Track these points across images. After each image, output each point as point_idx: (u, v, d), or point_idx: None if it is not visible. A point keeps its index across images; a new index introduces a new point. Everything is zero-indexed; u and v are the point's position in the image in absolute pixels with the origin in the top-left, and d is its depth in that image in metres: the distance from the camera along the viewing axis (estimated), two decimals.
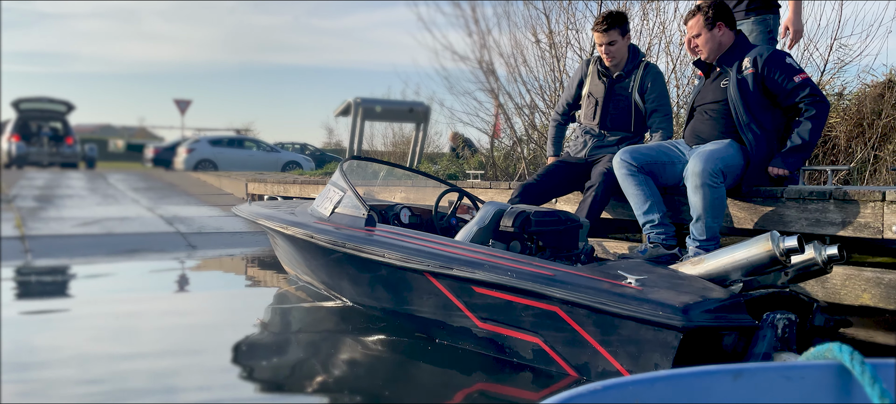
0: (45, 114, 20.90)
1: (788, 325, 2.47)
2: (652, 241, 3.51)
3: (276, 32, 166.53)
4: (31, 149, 19.74)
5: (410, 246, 3.13)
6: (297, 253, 4.14)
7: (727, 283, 2.65)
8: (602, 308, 2.45)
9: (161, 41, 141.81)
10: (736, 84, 3.47)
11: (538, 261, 2.81)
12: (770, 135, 3.46)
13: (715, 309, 2.36)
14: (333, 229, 3.57)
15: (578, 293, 2.51)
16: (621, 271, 2.65)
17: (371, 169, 6.07)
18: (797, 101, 3.40)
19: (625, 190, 3.62)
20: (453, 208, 4.14)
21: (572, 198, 4.44)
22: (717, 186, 3.27)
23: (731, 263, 2.64)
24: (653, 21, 7.33)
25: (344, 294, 3.88)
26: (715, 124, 3.58)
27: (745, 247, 2.61)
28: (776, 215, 3.35)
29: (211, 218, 8.11)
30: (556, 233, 3.12)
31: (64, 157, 20.28)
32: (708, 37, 3.56)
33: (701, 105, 3.69)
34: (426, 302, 3.11)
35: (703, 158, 3.28)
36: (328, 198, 3.90)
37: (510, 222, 3.10)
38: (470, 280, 2.83)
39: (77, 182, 12.40)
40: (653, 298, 2.39)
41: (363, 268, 3.42)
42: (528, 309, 2.68)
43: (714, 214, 3.29)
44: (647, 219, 3.55)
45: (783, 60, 3.44)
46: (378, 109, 12.82)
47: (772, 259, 2.53)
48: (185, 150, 19.05)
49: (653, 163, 3.60)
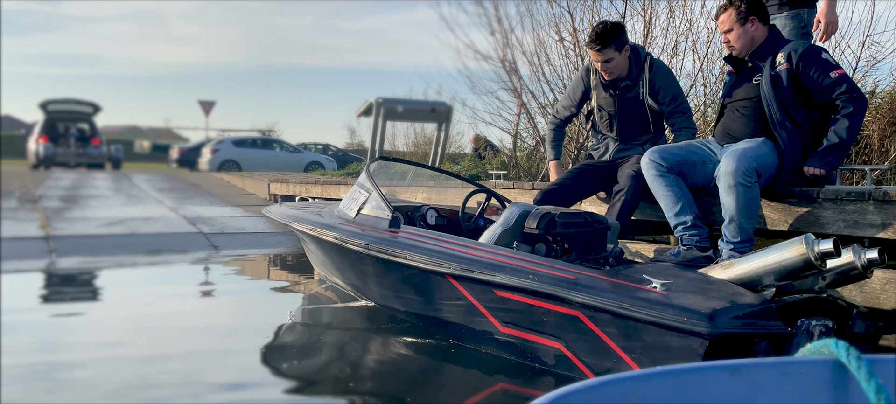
0: (72, 116, 21.14)
1: (825, 332, 2.37)
2: (685, 244, 3.41)
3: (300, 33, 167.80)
4: (58, 150, 19.97)
5: (433, 248, 3.07)
6: (324, 254, 4.11)
7: (759, 288, 2.55)
8: (625, 313, 2.37)
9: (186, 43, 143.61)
10: (769, 80, 3.36)
11: (561, 265, 2.73)
12: (805, 134, 3.35)
13: (743, 315, 2.27)
14: (358, 231, 3.52)
15: (601, 297, 2.44)
16: (647, 275, 2.56)
17: (397, 169, 6.02)
18: (834, 98, 3.28)
19: (654, 191, 3.52)
20: (481, 209, 4.07)
21: (598, 201, 4.35)
22: (750, 186, 3.16)
23: (763, 267, 2.53)
24: (679, 19, 7.20)
25: (370, 296, 3.83)
26: (747, 122, 3.47)
27: (777, 251, 2.51)
28: (812, 216, 3.23)
29: (233, 218, 8.11)
30: (582, 235, 3.03)
31: (90, 158, 20.50)
32: (740, 32, 3.45)
33: (732, 102, 3.58)
34: (449, 305, 3.04)
35: (736, 157, 3.17)
36: (354, 200, 3.86)
37: (535, 224, 3.02)
38: (490, 283, 2.76)
39: (102, 182, 12.49)
40: (678, 303, 2.31)
41: (387, 270, 3.37)
42: (550, 313, 2.61)
43: (748, 215, 3.18)
44: (678, 221, 3.45)
45: (819, 55, 3.32)
46: (399, 109, 12.77)
47: (806, 263, 2.43)
48: (209, 151, 19.18)
49: (683, 163, 3.50)
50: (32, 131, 21.46)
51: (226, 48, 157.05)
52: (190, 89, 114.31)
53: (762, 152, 3.27)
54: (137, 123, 54.24)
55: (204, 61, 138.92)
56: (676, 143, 3.75)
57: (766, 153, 3.29)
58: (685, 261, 3.35)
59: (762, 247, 2.66)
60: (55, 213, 7.93)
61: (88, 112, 21.39)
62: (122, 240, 6.62)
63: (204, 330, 3.75)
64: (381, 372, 2.99)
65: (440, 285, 3.03)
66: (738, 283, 2.57)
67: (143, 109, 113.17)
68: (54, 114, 20.77)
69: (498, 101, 9.34)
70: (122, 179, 13.40)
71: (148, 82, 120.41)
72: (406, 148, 16.51)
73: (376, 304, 3.79)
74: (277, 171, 15.68)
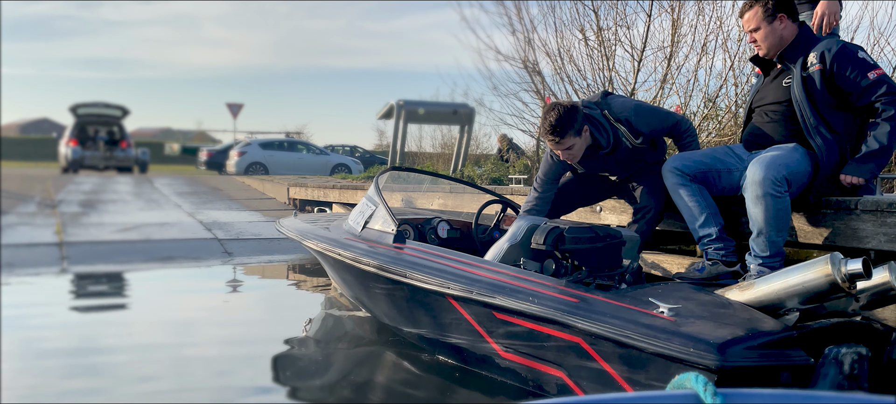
0: (101, 119, 21.32)
1: (858, 361, 2.12)
2: (710, 258, 3.16)
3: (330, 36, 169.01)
4: (86, 154, 20.15)
5: (435, 266, 2.87)
6: (333, 271, 3.95)
7: (781, 313, 2.31)
8: (627, 341, 2.14)
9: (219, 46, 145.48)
10: (800, 83, 3.09)
11: (565, 285, 2.51)
12: (842, 139, 3.08)
13: (759, 345, 2.04)
14: (362, 247, 3.34)
15: (603, 323, 2.22)
16: (654, 298, 2.32)
17: (413, 176, 5.85)
18: (873, 101, 3.01)
19: (676, 201, 3.28)
20: (496, 220, 3.86)
21: (618, 208, 4.11)
22: (780, 196, 2.90)
23: (785, 289, 2.29)
24: (709, 15, 6.90)
25: (376, 314, 3.66)
26: (777, 127, 3.21)
27: (799, 271, 2.27)
28: (849, 229, 2.96)
29: (251, 224, 8.01)
30: (593, 251, 2.81)
31: (118, 161, 20.66)
32: (768, 30, 3.19)
33: (760, 106, 3.32)
34: (451, 327, 2.84)
35: (765, 165, 2.92)
36: (361, 213, 3.68)
37: (542, 239, 2.80)
38: (490, 305, 2.55)
39: (123, 186, 12.51)
40: (686, 331, 2.08)
41: (389, 288, 3.18)
42: (551, 338, 2.39)
43: (778, 228, 2.93)
44: (703, 233, 3.20)
45: (855, 55, 3.05)
46: (421, 112, 12.58)
47: (832, 286, 2.18)
48: (236, 154, 19.28)
49: (707, 171, 3.25)
50: (63, 134, 21.72)
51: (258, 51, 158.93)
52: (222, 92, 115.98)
53: (793, 160, 3.01)
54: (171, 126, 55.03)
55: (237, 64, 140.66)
56: (700, 150, 3.49)
57: (798, 160, 3.03)
58: (710, 277, 3.12)
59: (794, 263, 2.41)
60: (72, 219, 7.90)
61: (117, 115, 21.58)
62: (135, 246, 6.53)
63: (209, 342, 3.69)
64: (390, 388, 2.92)
65: (441, 306, 2.83)
66: (758, 307, 2.33)
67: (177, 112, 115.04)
68: (84, 118, 20.98)
69: (520, 102, 9.12)
70: (143, 183, 13.41)
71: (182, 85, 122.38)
72: (433, 150, 16.38)
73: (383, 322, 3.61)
74: (303, 175, 15.63)
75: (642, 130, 3.37)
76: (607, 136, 3.35)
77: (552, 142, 3.28)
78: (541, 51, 8.62)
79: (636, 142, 3.39)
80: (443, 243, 3.79)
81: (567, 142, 3.25)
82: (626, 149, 3.41)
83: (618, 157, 3.44)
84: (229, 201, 10.38)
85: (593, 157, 3.44)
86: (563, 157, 3.34)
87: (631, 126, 3.35)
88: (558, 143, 3.26)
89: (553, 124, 3.22)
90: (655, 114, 3.51)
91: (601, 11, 8.10)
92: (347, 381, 2.97)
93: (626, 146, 3.40)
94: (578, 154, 3.34)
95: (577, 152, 3.33)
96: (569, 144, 3.27)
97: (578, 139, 3.28)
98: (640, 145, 3.41)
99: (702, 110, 7.21)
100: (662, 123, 3.48)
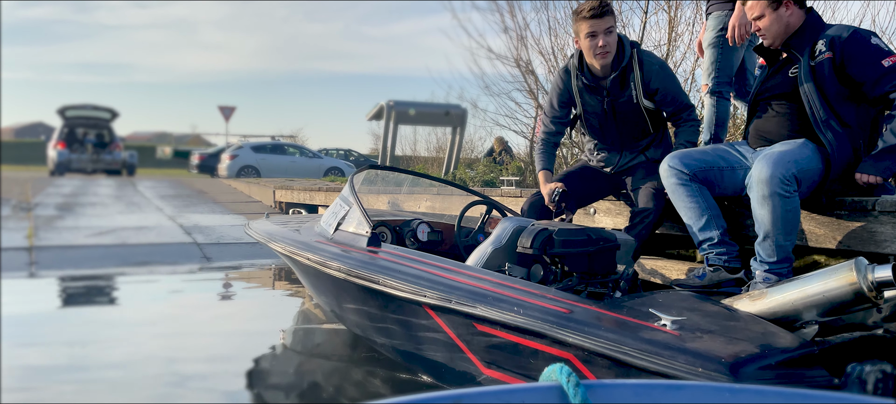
0: (90, 122, 21.01)
1: (883, 379, 1.86)
2: (711, 264, 2.91)
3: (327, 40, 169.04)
4: (72, 156, 19.86)
5: (411, 271, 2.60)
6: (304, 276, 3.67)
7: (798, 325, 2.06)
8: (626, 359, 1.87)
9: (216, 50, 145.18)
10: (808, 72, 2.84)
11: (555, 293, 2.24)
12: (855, 133, 2.82)
13: (777, 364, 1.79)
14: (333, 250, 3.06)
15: (598, 338, 1.94)
16: (656, 309, 2.06)
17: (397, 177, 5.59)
18: (888, 91, 2.75)
19: (675, 202, 3.02)
20: (481, 222, 3.58)
21: (613, 210, 3.85)
22: (789, 196, 2.64)
23: (802, 299, 2.04)
24: None
25: (347, 324, 3.38)
26: (784, 121, 2.95)
27: (820, 279, 2.02)
28: (865, 232, 2.70)
29: (233, 227, 7.73)
30: (585, 256, 2.54)
31: (106, 164, 20.38)
32: (773, 18, 2.93)
33: (765, 99, 3.06)
34: (427, 340, 2.57)
35: (772, 162, 2.66)
36: (334, 214, 3.40)
37: (529, 242, 2.54)
38: (470, 315, 2.28)
39: (104, 189, 12.19)
40: (693, 348, 1.83)
41: (361, 297, 2.91)
42: (539, 354, 2.12)
43: (786, 230, 2.67)
44: (704, 237, 2.94)
45: (868, 41, 2.80)
46: (412, 113, 12.30)
47: (857, 295, 1.95)
48: (228, 157, 19.07)
49: (708, 170, 3.00)
50: (52, 137, 21.42)
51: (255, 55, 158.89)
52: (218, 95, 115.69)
53: (803, 156, 2.75)
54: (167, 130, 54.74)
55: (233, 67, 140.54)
56: (700, 148, 3.24)
57: (808, 157, 2.77)
58: (711, 284, 2.86)
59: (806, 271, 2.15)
60: (46, 222, 7.61)
61: (106, 118, 21.30)
62: (109, 250, 6.26)
63: (182, 354, 3.43)
64: None
65: (417, 316, 2.56)
66: (772, 319, 2.08)
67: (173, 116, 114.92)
68: (72, 120, 20.70)
69: (513, 102, 8.89)
70: (126, 186, 13.11)
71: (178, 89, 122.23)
72: (427, 153, 16.16)
73: (354, 333, 3.34)
74: (296, 178, 15.39)
75: (656, 86, 3.25)
76: (625, 60, 3.23)
77: (593, 22, 3.12)
78: (534, 50, 8.41)
79: (643, 100, 3.26)
80: (422, 247, 3.52)
81: (609, 20, 3.14)
82: (629, 100, 3.26)
83: (618, 107, 3.29)
84: (213, 204, 10.10)
85: (596, 91, 3.31)
86: (600, 45, 3.14)
87: (648, 81, 3.25)
88: (601, 18, 3.11)
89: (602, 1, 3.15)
90: (676, 81, 3.39)
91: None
92: (316, 398, 2.74)
93: (631, 96, 3.25)
94: (610, 48, 3.17)
95: (611, 45, 3.17)
96: (609, 24, 3.14)
97: (615, 28, 3.18)
98: (645, 104, 3.27)
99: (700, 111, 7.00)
100: (677, 93, 3.34)
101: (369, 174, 4.01)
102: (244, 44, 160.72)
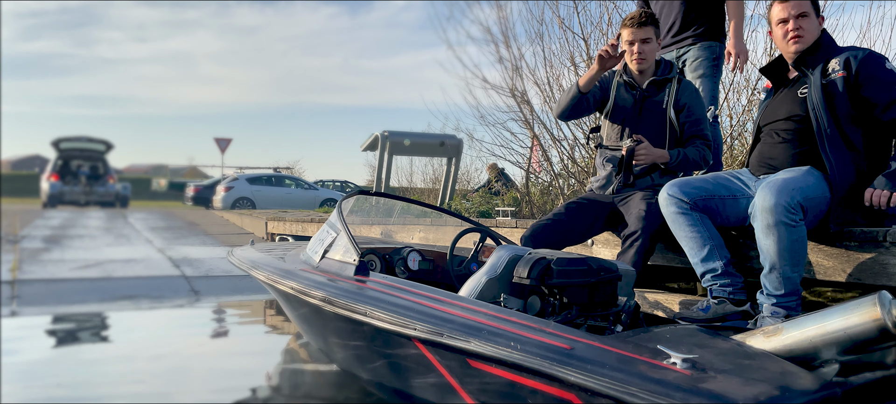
0: (84, 154, 20.94)
1: None
2: (715, 296, 2.78)
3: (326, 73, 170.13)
4: (65, 189, 19.73)
5: (400, 302, 2.46)
6: (288, 307, 3.52)
7: (817, 364, 1.93)
8: (632, 401, 1.72)
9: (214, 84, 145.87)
10: (820, 89, 2.74)
11: (554, 327, 2.10)
12: (860, 157, 2.72)
13: None
14: (318, 279, 2.92)
15: (601, 377, 1.80)
16: (664, 345, 1.92)
17: (389, 204, 5.47)
18: None
19: (676, 232, 2.90)
20: (474, 251, 3.45)
21: (612, 241, 3.73)
22: (795, 225, 2.53)
23: (822, 336, 1.91)
24: None
25: (333, 358, 3.23)
26: (788, 148, 2.85)
27: (840, 314, 1.89)
28: (877, 265, 2.58)
29: (222, 260, 7.57)
30: (585, 287, 2.41)
31: (99, 196, 20.24)
32: (813, 22, 2.88)
33: (770, 123, 2.96)
34: (418, 376, 2.42)
35: (776, 190, 2.55)
36: (321, 241, 3.26)
37: (526, 272, 2.40)
38: (462, 350, 2.13)
39: (94, 221, 12.03)
40: (706, 389, 1.69)
41: (347, 329, 2.76)
42: (537, 393, 1.97)
43: (793, 261, 2.54)
44: (706, 268, 2.82)
45: (883, 64, 2.73)
46: (406, 143, 12.20)
47: (882, 331, 1.81)
48: (223, 189, 18.96)
49: (709, 198, 2.89)
50: (45, 169, 21.32)
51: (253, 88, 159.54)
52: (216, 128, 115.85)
53: (808, 183, 2.64)
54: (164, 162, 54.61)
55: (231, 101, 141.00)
56: (700, 176, 3.13)
57: (814, 185, 2.66)
58: (716, 318, 2.73)
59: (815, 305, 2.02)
60: (31, 255, 7.45)
61: (100, 150, 21.22)
62: (94, 284, 6.09)
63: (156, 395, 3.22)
64: None
65: (407, 351, 2.42)
66: (788, 357, 1.94)
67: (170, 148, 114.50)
68: (66, 152, 20.61)
69: (508, 132, 8.81)
70: (116, 218, 12.94)
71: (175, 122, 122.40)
72: (423, 184, 16.05)
73: (341, 369, 3.18)
74: (292, 209, 15.29)
75: (685, 102, 3.40)
76: (659, 73, 3.44)
77: (632, 30, 3.34)
78: (530, 80, 8.36)
79: (670, 109, 3.40)
80: (413, 276, 3.39)
81: (648, 31, 3.33)
82: (659, 104, 3.41)
83: (647, 105, 3.43)
84: (205, 236, 9.94)
85: (632, 89, 3.46)
86: (636, 50, 3.35)
87: (680, 95, 3.40)
88: (640, 27, 3.32)
89: (645, 11, 3.37)
90: (703, 109, 3.50)
91: (591, 40, 7.85)
92: None
93: (662, 100, 3.41)
94: (647, 57, 3.38)
95: (649, 53, 3.38)
96: (647, 35, 3.34)
97: (654, 41, 3.38)
98: (671, 114, 3.40)
99: None
100: (701, 117, 3.44)
101: (359, 200, 3.89)
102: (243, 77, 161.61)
